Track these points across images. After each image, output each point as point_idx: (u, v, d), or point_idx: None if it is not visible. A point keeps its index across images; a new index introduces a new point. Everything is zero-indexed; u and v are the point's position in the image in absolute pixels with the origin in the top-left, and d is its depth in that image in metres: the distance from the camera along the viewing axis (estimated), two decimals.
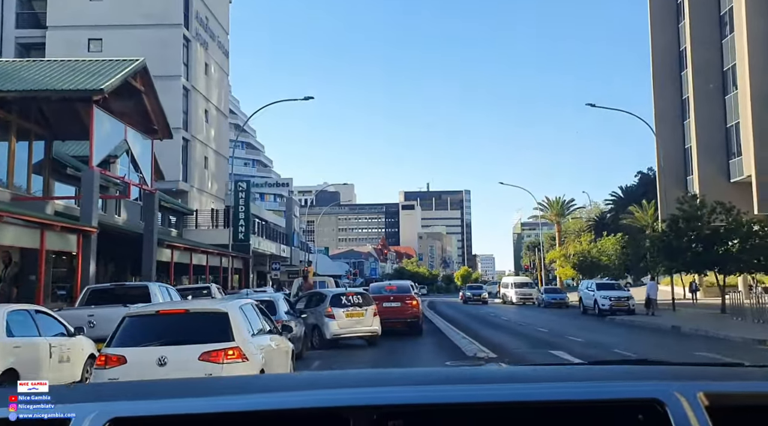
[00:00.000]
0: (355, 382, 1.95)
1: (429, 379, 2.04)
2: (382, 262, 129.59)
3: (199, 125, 41.50)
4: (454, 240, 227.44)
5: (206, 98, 42.96)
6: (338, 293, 16.95)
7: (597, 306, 33.10)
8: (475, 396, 1.68)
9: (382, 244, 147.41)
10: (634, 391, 1.70)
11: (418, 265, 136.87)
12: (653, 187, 78.78)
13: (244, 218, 34.88)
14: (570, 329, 23.19)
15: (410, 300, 20.07)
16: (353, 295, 16.84)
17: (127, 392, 2.00)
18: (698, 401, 1.59)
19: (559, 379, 1.94)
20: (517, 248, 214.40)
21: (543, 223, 76.86)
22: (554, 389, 1.74)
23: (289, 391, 1.81)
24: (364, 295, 17.31)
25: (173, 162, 37.96)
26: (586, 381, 1.85)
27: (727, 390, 1.74)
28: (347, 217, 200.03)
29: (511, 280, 54.03)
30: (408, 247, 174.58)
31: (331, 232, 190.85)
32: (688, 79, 51.13)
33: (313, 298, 17.44)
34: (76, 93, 17.60)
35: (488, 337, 19.78)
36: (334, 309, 16.32)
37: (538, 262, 68.72)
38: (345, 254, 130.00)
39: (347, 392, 1.71)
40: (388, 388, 1.77)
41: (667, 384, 1.68)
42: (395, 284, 22.61)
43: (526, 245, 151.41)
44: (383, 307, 19.43)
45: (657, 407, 1.59)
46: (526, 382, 1.86)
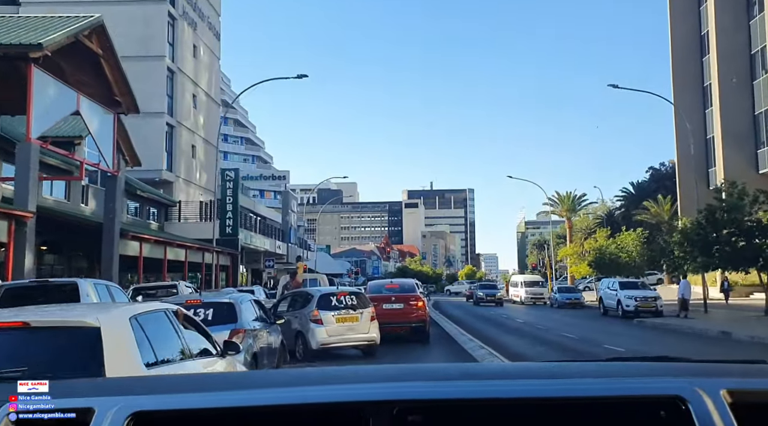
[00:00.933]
0: (375, 377, 1.93)
1: (449, 374, 1.98)
2: (385, 260, 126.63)
3: (185, 111, 38.39)
4: (457, 239, 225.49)
5: (194, 82, 39.85)
6: (327, 293, 13.72)
7: (620, 307, 29.92)
8: (494, 392, 1.66)
9: (385, 243, 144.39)
10: (655, 387, 1.68)
11: (422, 264, 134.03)
12: (666, 183, 75.86)
13: (231, 210, 31.72)
14: (600, 335, 20.00)
15: (415, 301, 16.89)
16: (346, 295, 13.64)
17: (150, 386, 1.93)
18: (721, 398, 1.57)
19: (580, 375, 1.87)
20: (521, 247, 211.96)
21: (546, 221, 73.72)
22: (575, 385, 1.71)
23: (310, 385, 1.79)
24: (359, 295, 14.12)
25: (155, 149, 34.88)
26: (606, 377, 1.82)
27: (750, 387, 1.70)
28: (350, 216, 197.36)
29: (521, 279, 50.77)
30: (411, 246, 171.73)
31: (333, 230, 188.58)
32: (711, 64, 47.93)
33: (298, 299, 14.27)
34: (10, 49, 14.47)
35: (510, 345, 16.61)
36: (321, 312, 13.19)
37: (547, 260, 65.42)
38: (347, 253, 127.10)
39: (367, 387, 1.71)
40: (408, 383, 1.76)
41: (690, 380, 1.66)
42: (397, 283, 19.34)
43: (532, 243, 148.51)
44: (383, 310, 16.31)
45: (679, 404, 1.57)
46: (546, 378, 1.81)
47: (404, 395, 1.62)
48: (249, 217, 44.51)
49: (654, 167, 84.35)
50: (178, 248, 24.58)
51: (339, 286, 14.98)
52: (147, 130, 34.78)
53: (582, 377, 1.82)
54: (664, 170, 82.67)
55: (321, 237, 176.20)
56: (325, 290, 13.88)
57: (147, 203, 30.03)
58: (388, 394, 1.62)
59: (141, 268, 21.17)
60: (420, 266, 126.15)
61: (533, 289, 47.80)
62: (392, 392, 1.64)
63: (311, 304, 13.44)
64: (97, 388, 1.97)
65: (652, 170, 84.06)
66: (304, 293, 14.41)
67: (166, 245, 22.77)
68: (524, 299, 47.31)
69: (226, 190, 32.00)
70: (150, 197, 29.45)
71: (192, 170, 38.67)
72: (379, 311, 15.71)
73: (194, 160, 39.15)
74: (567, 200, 62.96)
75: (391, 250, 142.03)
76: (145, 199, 29.31)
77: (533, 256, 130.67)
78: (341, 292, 13.69)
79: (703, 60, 49.68)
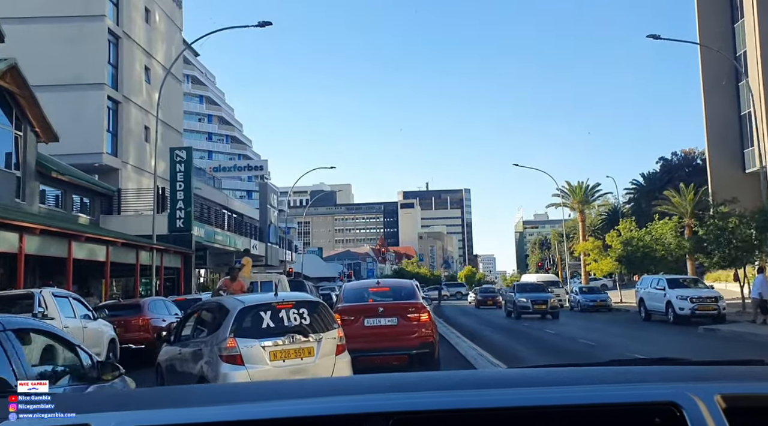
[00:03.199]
0: (368, 388, 1.90)
1: (444, 383, 1.98)
2: (380, 263, 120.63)
3: (135, 85, 32.11)
4: (454, 240, 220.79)
5: (147, 52, 33.57)
6: (254, 305, 7.35)
7: (671, 310, 23.85)
8: (488, 401, 1.66)
9: (381, 244, 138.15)
10: (649, 394, 1.67)
11: (419, 266, 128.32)
12: (679, 174, 69.95)
13: (183, 199, 25.44)
14: (676, 352, 13.79)
15: (415, 312, 10.63)
16: (289, 307, 7.34)
17: (147, 400, 1.91)
18: (716, 404, 1.57)
19: (576, 382, 1.86)
20: (519, 247, 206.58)
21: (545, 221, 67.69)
22: (571, 393, 1.71)
23: (303, 398, 1.77)
24: (315, 308, 7.68)
25: (93, 127, 28.63)
26: (601, 384, 1.81)
27: (745, 392, 1.70)
28: (344, 218, 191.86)
29: (533, 279, 44.50)
30: (408, 247, 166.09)
31: (328, 233, 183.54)
32: (744, 30, 42.05)
33: (206, 318, 8.06)
34: None
35: None
36: (242, 343, 7.03)
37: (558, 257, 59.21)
38: (340, 255, 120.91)
39: (360, 399, 1.70)
40: (403, 393, 1.74)
41: (684, 386, 1.65)
42: (388, 284, 12.90)
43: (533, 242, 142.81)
44: (364, 330, 10.18)
45: (674, 410, 1.57)
46: (542, 385, 1.81)
47: (399, 407, 1.61)
48: (219, 213, 38.31)
49: (665, 158, 78.70)
50: (94, 244, 18.22)
51: (278, 290, 8.57)
52: (81, 104, 28.62)
53: (578, 384, 1.81)
54: (676, 160, 77.23)
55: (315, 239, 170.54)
56: (251, 301, 7.53)
57: (74, 191, 23.71)
58: (382, 405, 1.61)
59: (21, 270, 14.65)
60: (417, 268, 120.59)
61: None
62: (387, 404, 1.62)
63: (225, 326, 7.22)
64: (91, 402, 2.00)
65: (662, 161, 78.42)
66: (215, 306, 8.08)
67: (70, 239, 16.47)
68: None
69: (175, 174, 25.71)
70: (77, 183, 23.13)
71: (145, 156, 32.37)
72: (355, 332, 9.58)
73: (148, 145, 32.79)
74: (579, 191, 56.85)
75: (387, 251, 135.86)
76: (71, 186, 23.01)
77: (535, 255, 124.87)
78: (281, 302, 7.40)
79: (735, 26, 43.79)
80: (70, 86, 28.65)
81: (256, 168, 44.47)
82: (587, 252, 43.05)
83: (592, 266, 41.77)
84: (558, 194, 56.60)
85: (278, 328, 7.29)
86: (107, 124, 29.51)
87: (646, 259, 33.22)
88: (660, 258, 32.90)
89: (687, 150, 79.16)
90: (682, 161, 76.02)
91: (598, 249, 41.39)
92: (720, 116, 43.69)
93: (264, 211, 43.74)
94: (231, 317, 7.24)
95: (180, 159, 25.77)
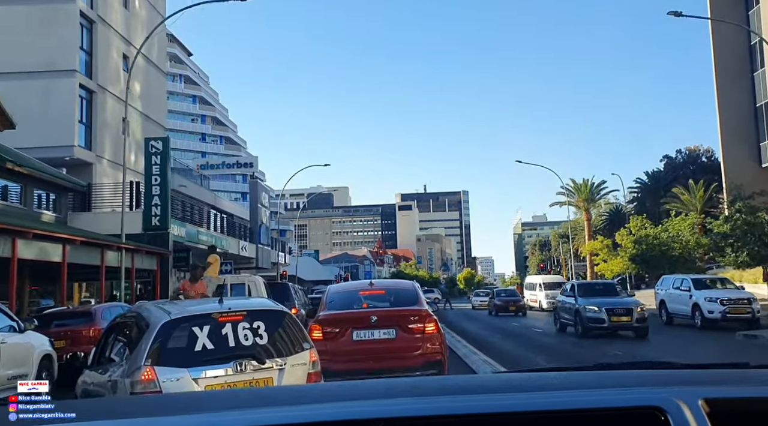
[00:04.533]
0: (357, 394, 1.90)
1: (431, 390, 1.99)
2: (378, 265, 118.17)
3: (112, 74, 29.74)
4: (453, 242, 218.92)
5: (125, 40, 31.19)
6: (185, 318, 4.99)
7: (699, 313, 21.52)
8: (473, 407, 1.66)
9: (378, 247, 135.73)
10: (633, 399, 1.67)
11: (417, 268, 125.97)
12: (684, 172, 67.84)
13: (159, 194, 23.05)
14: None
15: (419, 321, 8.20)
16: (239, 319, 4.99)
17: (147, 408, 1.90)
18: (699, 408, 1.58)
19: (562, 387, 1.86)
20: (518, 249, 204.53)
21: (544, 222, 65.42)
22: (553, 398, 1.71)
23: (296, 405, 1.77)
24: (277, 319, 5.29)
25: (63, 118, 26.28)
26: (585, 389, 1.81)
27: (729, 395, 1.71)
28: (341, 220, 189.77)
29: (539, 280, 42.19)
30: (406, 250, 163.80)
31: (325, 236, 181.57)
32: (760, 16, 39.86)
33: (123, 336, 5.61)
34: None
35: None
36: (163, 373, 4.69)
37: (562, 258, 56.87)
38: (338, 258, 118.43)
39: (348, 406, 1.69)
40: (393, 400, 1.74)
41: (668, 390, 1.66)
42: (383, 285, 10.23)
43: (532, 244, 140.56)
44: (352, 345, 7.87)
45: (658, 414, 1.57)
46: (528, 391, 1.80)
47: (388, 413, 1.61)
48: (207, 213, 35.92)
49: (669, 156, 76.80)
50: (46, 242, 15.78)
51: (224, 294, 6.23)
52: (50, 93, 26.30)
53: (564, 389, 1.81)
54: (681, 158, 75.25)
55: (312, 242, 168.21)
56: (182, 311, 5.11)
57: (36, 185, 21.31)
58: (372, 412, 1.61)
59: None
60: (416, 270, 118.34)
61: (555, 292, 39.22)
62: (375, 410, 1.62)
63: (140, 349, 4.86)
64: (94, 410, 1.96)
65: (667, 159, 76.37)
66: (134, 318, 5.61)
67: (14, 236, 14.03)
68: (545, 305, 38.92)
69: (150, 167, 23.32)
70: (39, 177, 20.73)
71: (122, 150, 29.90)
72: (341, 349, 7.30)
73: (127, 139, 30.23)
74: (584, 189, 54.52)
75: (385, 254, 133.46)
76: (32, 179, 20.63)
77: (535, 257, 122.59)
78: (227, 313, 5.02)
79: (750, 13, 41.62)
80: (39, 73, 26.36)
81: (246, 165, 42.06)
82: (596, 252, 40.67)
83: (601, 266, 39.42)
84: (563, 192, 54.22)
85: (220, 352, 4.96)
86: (80, 114, 27.15)
87: (663, 258, 30.88)
88: (678, 257, 30.56)
89: (692, 147, 77.19)
90: (687, 159, 73.99)
91: (608, 248, 39.04)
92: (734, 108, 41.54)
93: (254, 211, 41.32)
94: (149, 336, 4.90)
95: (156, 150, 23.39)
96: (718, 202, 47.62)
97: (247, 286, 13.61)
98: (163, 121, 36.34)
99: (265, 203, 43.49)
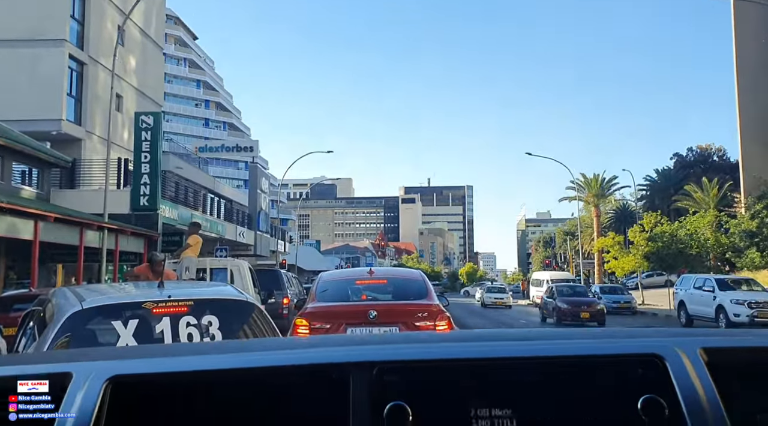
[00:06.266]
0: (356, 341, 1.91)
1: (430, 338, 2.02)
2: (380, 257, 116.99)
3: (104, 45, 28.13)
4: (455, 237, 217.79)
5: (121, 11, 29.57)
6: (103, 307, 3.46)
7: (724, 316, 20.01)
8: (470, 352, 1.68)
9: (381, 239, 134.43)
10: (633, 346, 1.71)
11: (419, 262, 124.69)
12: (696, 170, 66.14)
13: (149, 172, 21.53)
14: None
15: (428, 318, 6.67)
16: (181, 311, 3.50)
17: (127, 353, 1.94)
18: (698, 356, 1.61)
19: (562, 337, 1.87)
20: (521, 245, 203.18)
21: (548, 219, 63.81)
22: (554, 346, 1.73)
23: (288, 349, 1.82)
24: (239, 313, 3.72)
25: (51, 89, 24.76)
26: (588, 339, 1.85)
27: (726, 345, 1.75)
28: (344, 211, 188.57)
29: (547, 276, 40.66)
30: (408, 243, 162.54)
31: (327, 226, 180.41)
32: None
33: (30, 328, 4.10)
34: None
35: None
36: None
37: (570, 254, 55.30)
38: (339, 249, 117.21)
39: (345, 349, 1.71)
40: (388, 345, 1.78)
41: (667, 340, 1.69)
42: (386, 274, 8.71)
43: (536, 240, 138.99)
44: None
45: (657, 362, 1.61)
46: (528, 340, 1.82)
47: (384, 356, 1.64)
48: (204, 197, 34.45)
49: (679, 154, 75.44)
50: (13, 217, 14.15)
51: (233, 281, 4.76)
52: (37, 63, 24.76)
53: (564, 339, 1.81)
54: (692, 157, 73.74)
55: (314, 233, 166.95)
56: (100, 298, 3.61)
57: (15, 158, 19.80)
58: (367, 355, 1.64)
59: None
60: (417, 264, 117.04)
61: None
62: (372, 353, 1.65)
63: (39, 348, 3.35)
64: (73, 354, 2.05)
65: (677, 157, 74.95)
66: (46, 305, 4.04)
67: None
68: None
69: (140, 144, 21.77)
70: (19, 149, 19.22)
71: (115, 127, 28.29)
72: None
73: (120, 115, 28.85)
74: (594, 184, 52.88)
75: (387, 246, 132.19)
76: (11, 152, 19.12)
77: (539, 253, 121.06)
78: (165, 303, 3.51)
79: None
80: (25, 42, 24.82)
81: (246, 149, 40.49)
82: (606, 248, 39.12)
83: (612, 264, 37.89)
84: (572, 186, 52.57)
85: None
86: (68, 87, 25.60)
87: (681, 256, 29.29)
88: (695, 255, 28.98)
89: (704, 146, 75.63)
90: (699, 158, 72.47)
91: (619, 245, 37.48)
92: (755, 105, 39.98)
93: (254, 196, 39.80)
94: (50, 332, 3.39)
95: (146, 125, 21.83)
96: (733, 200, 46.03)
97: (229, 270, 12.08)
98: (160, 98, 34.81)
99: (265, 189, 41.97)
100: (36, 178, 21.43)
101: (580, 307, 23.51)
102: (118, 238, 19.44)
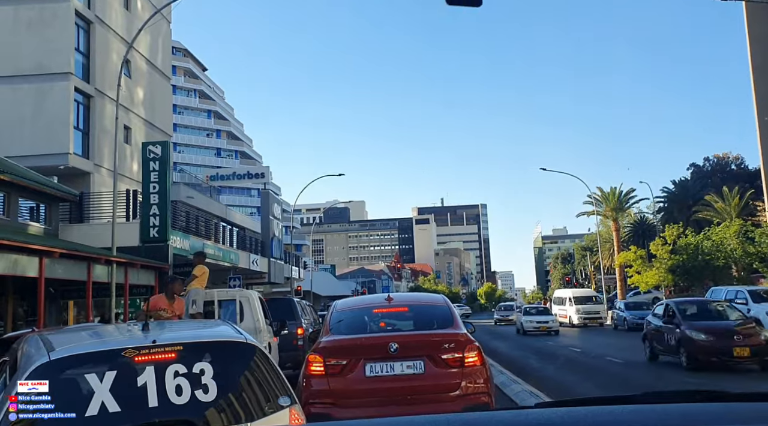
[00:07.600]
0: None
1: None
2: (396, 280, 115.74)
3: (110, 78, 27.92)
4: (472, 256, 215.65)
5: (126, 42, 29.44)
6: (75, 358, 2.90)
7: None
8: None
9: (396, 261, 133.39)
10: None
11: (436, 283, 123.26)
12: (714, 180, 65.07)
13: (158, 203, 21.10)
14: None
15: (456, 350, 6.00)
16: (169, 359, 2.90)
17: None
18: None
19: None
20: (539, 262, 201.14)
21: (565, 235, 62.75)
22: None
23: None
24: (237, 358, 3.17)
25: (56, 122, 24.56)
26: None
27: None
28: (358, 235, 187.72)
29: (569, 294, 39.67)
30: (424, 265, 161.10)
31: (342, 250, 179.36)
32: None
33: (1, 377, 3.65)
34: None
35: None
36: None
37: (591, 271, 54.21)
38: (354, 272, 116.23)
39: None
40: None
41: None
42: (407, 301, 8.12)
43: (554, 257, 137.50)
44: (366, 383, 5.68)
45: None
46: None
47: None
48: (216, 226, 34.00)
49: (696, 164, 74.29)
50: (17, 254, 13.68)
51: (243, 314, 4.14)
52: (43, 97, 24.60)
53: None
54: (709, 166, 72.62)
55: (328, 257, 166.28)
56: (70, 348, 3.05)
57: (22, 194, 19.44)
58: None
59: None
60: (434, 285, 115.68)
61: (586, 306, 36.87)
62: None
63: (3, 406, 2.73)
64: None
65: (694, 167, 73.80)
66: (15, 354, 3.52)
67: None
68: (576, 320, 36.46)
69: (148, 174, 21.38)
70: (25, 185, 18.84)
71: (124, 159, 28.12)
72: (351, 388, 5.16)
73: (129, 147, 28.64)
74: (612, 198, 51.99)
75: (403, 268, 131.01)
76: (17, 188, 18.75)
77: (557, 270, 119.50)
78: (148, 350, 2.93)
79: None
80: (31, 77, 24.72)
81: (258, 175, 40.14)
82: (629, 263, 38.15)
83: (635, 278, 36.88)
84: (590, 201, 51.70)
85: (130, 418, 2.81)
86: (75, 120, 25.37)
87: (706, 268, 28.34)
88: (722, 267, 28.02)
89: (721, 155, 74.53)
90: (716, 167, 71.34)
91: (642, 259, 36.51)
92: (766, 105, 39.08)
93: (266, 222, 39.36)
94: (13, 388, 2.77)
95: (154, 155, 21.43)
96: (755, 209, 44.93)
97: (238, 302, 11.45)
98: (169, 129, 34.60)
99: (277, 215, 41.53)
100: (43, 213, 21.04)
101: (731, 337, 14.13)
102: (127, 272, 18.92)
